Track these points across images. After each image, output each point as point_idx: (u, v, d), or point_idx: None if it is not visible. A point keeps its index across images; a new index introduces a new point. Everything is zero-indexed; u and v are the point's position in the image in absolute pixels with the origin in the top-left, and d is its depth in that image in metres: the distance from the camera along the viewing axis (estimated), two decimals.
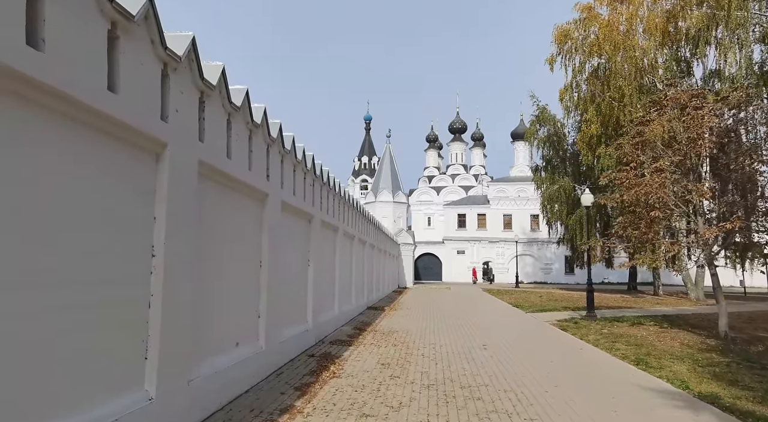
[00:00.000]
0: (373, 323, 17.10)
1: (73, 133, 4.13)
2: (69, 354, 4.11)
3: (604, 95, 29.41)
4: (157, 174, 5.28)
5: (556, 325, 16.72)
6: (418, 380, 8.71)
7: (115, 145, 4.65)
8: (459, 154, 72.93)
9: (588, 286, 18.82)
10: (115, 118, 4.38)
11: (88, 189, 4.33)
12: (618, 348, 12.07)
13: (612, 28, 29.28)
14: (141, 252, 5.05)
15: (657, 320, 18.03)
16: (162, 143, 5.22)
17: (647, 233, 15.16)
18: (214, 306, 6.88)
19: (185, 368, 5.68)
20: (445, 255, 62.74)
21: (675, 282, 47.35)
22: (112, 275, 4.65)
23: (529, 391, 7.91)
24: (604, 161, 29.01)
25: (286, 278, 10.15)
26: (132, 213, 4.92)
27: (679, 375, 9.23)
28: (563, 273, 58.66)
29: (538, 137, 38.53)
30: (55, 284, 3.98)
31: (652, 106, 15.58)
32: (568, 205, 36.31)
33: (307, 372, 9.19)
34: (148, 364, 5.06)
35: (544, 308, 23.27)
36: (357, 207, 19.67)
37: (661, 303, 27.29)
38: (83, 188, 4.27)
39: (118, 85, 4.41)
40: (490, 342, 13.04)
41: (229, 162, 7.01)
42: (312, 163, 11.65)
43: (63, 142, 4.03)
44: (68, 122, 4.06)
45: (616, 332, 14.93)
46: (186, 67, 5.63)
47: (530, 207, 58.82)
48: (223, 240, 7.23)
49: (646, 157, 14.98)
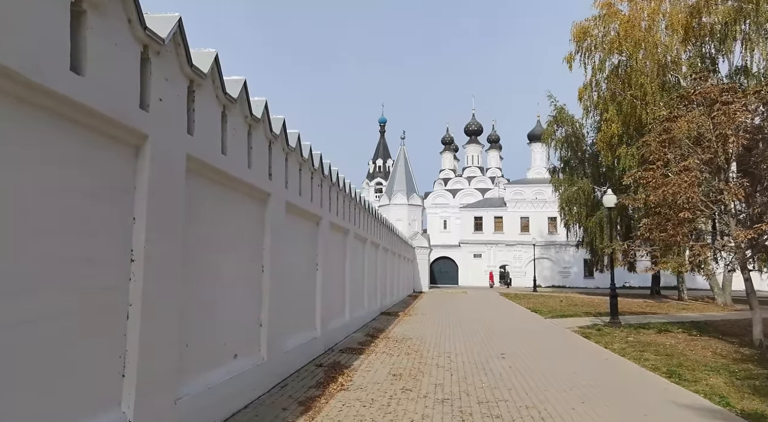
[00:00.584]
0: (386, 329, 16.48)
1: (33, 121, 3.59)
2: (31, 372, 3.59)
3: (625, 93, 28.47)
4: (137, 169, 4.73)
5: (577, 332, 15.94)
6: (432, 393, 8.08)
7: (85, 135, 4.12)
8: (475, 157, 72.02)
9: (611, 291, 17.99)
10: (80, 103, 3.83)
11: (53, 185, 3.79)
12: (647, 358, 11.30)
13: (633, 25, 28.35)
14: (117, 256, 4.50)
15: (685, 327, 17.15)
16: (142, 135, 4.67)
17: (675, 235, 14.35)
18: (207, 316, 6.33)
19: (171, 385, 5.11)
20: (462, 258, 61.83)
21: (699, 287, 45.99)
22: (84, 282, 4.11)
23: (554, 408, 7.22)
24: (625, 161, 28.05)
25: (291, 283, 9.59)
26: (107, 213, 4.38)
27: (717, 389, 8.47)
28: (582, 276, 57.44)
29: (555, 138, 37.62)
30: (15, 293, 3.45)
31: (680, 101, 14.77)
32: (588, 207, 35.33)
33: (314, 383, 8.61)
34: (126, 382, 4.51)
35: (564, 313, 22.46)
36: (369, 209, 19.09)
37: (686, 308, 26.26)
38: (46, 185, 3.73)
39: (83, 65, 3.87)
40: (509, 350, 12.34)
41: (224, 158, 6.46)
42: (320, 163, 11.08)
43: (19, 132, 3.49)
44: (26, 108, 3.53)
45: (643, 340, 14.12)
46: (171, 51, 5.08)
47: (548, 209, 57.72)
48: (218, 243, 6.69)
49: (674, 155, 14.17)
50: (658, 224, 15.00)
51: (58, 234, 3.87)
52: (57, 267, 3.84)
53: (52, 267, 3.79)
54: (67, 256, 3.95)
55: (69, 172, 3.96)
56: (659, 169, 14.43)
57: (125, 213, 4.60)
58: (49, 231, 3.79)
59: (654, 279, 38.64)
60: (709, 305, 28.18)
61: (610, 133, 29.45)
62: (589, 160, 37.02)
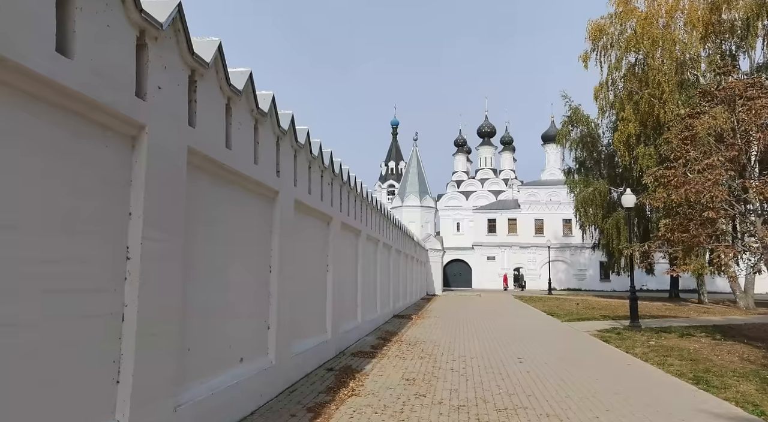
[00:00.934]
0: (399, 333, 16.13)
1: (11, 106, 3.31)
2: (18, 378, 3.31)
3: (643, 92, 27.89)
4: (133, 161, 4.45)
5: (596, 336, 15.45)
6: (447, 400, 7.71)
7: (74, 124, 3.83)
8: (488, 158, 71.42)
9: (631, 294, 17.45)
10: (67, 88, 3.55)
11: (34, 177, 3.50)
12: (671, 363, 10.82)
13: (650, 22, 27.82)
14: (112, 254, 4.21)
15: (708, 331, 16.58)
16: (138, 125, 4.39)
17: (697, 236, 13.88)
18: (212, 318, 6.03)
19: (170, 391, 4.81)
20: (475, 261, 61.24)
21: (719, 290, 45.03)
22: (74, 283, 3.83)
23: (577, 417, 6.82)
24: (643, 161, 27.47)
25: (301, 285, 9.29)
26: (99, 208, 4.10)
27: (749, 396, 8.00)
28: (598, 279, 56.63)
29: (570, 138, 37.05)
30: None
31: (702, 97, 14.28)
32: (604, 209, 34.67)
33: (324, 389, 8.28)
34: (121, 389, 4.21)
35: (582, 317, 21.93)
36: (381, 210, 18.76)
37: (707, 312, 25.56)
38: (27, 176, 3.44)
39: (72, 47, 3.59)
40: (526, 355, 11.93)
41: (229, 153, 6.17)
42: (330, 160, 10.78)
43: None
44: (10, 92, 3.25)
45: (665, 344, 13.61)
46: (171, 37, 4.80)
47: (562, 211, 57.02)
48: (224, 242, 6.40)
49: (697, 152, 13.68)
50: (680, 224, 14.53)
51: (48, 231, 3.59)
52: (45, 267, 3.56)
53: (39, 268, 3.51)
54: (52, 255, 3.66)
55: (54, 162, 3.67)
56: (681, 167, 13.96)
57: (120, 209, 4.31)
58: (37, 227, 3.51)
59: (672, 282, 37.86)
60: (730, 308, 27.44)
61: (627, 133, 28.90)
62: (605, 161, 36.44)
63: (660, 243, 15.92)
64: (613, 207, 34.27)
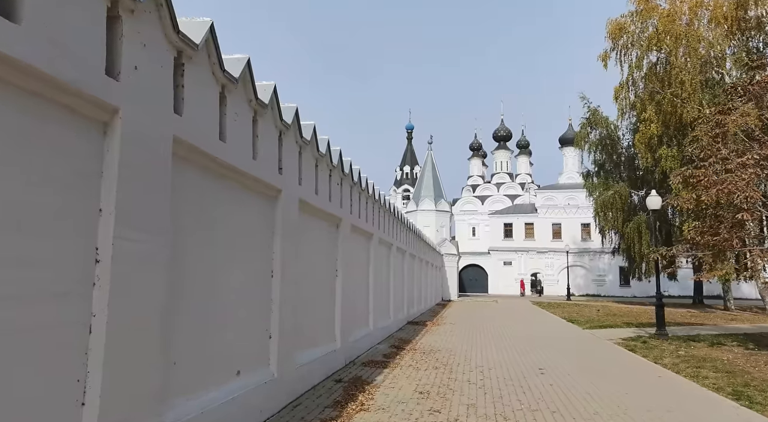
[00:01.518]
0: (413, 340, 15.47)
1: None
2: None
3: (665, 92, 26.97)
4: (104, 150, 3.90)
5: (621, 345, 14.66)
6: (464, 417, 7.07)
7: (34, 106, 3.30)
8: (504, 162, 70.46)
9: (657, 300, 16.58)
10: (13, 58, 3.01)
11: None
12: (705, 375, 10.05)
13: (672, 20, 26.93)
14: (77, 256, 3.67)
15: (739, 340, 15.70)
16: (111, 108, 3.85)
17: (729, 239, 13.04)
18: (203, 328, 5.47)
19: (151, 411, 4.25)
20: (491, 266, 60.22)
21: (745, 296, 43.57)
22: (31, 288, 3.28)
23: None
24: (666, 163, 26.54)
25: (307, 290, 8.71)
26: (64, 203, 3.56)
27: None
28: (618, 285, 55.31)
29: (589, 141, 36.18)
30: None
31: (733, 92, 13.48)
32: (624, 212, 33.68)
33: (330, 402, 7.69)
34: (86, 411, 3.65)
35: (603, 324, 21.10)
36: (395, 213, 18.15)
37: (736, 319, 24.54)
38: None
39: (18, 9, 3.05)
40: (547, 365, 11.22)
41: (223, 146, 5.62)
42: (339, 159, 10.21)
43: None
44: None
45: (696, 354, 12.80)
46: (151, 11, 4.26)
47: (581, 215, 55.84)
48: (218, 242, 5.84)
49: (729, 150, 12.88)
50: (710, 227, 13.71)
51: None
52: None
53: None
54: (11, 257, 3.13)
55: (7, 149, 3.14)
56: (711, 166, 13.16)
57: (87, 204, 3.76)
58: None
59: (696, 288, 36.69)
60: (759, 316, 26.34)
61: (648, 134, 27.99)
62: (626, 163, 35.53)
63: (688, 247, 15.08)
64: (634, 210, 33.30)
